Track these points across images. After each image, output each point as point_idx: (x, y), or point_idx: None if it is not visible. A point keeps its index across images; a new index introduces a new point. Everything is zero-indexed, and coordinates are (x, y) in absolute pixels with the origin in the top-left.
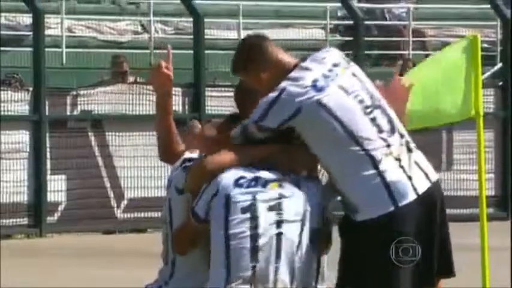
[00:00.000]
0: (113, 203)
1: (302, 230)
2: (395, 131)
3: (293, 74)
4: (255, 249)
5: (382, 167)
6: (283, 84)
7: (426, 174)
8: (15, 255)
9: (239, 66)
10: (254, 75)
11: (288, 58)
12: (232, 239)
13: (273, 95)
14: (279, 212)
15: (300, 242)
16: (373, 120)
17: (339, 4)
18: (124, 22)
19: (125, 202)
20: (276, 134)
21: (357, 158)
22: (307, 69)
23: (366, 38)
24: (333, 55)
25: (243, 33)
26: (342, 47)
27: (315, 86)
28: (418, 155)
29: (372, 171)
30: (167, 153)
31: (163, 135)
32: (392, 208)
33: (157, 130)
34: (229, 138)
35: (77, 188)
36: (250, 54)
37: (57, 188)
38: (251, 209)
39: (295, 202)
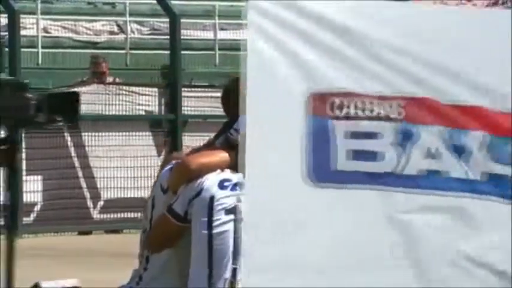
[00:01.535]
0: (89, 203)
1: None
2: None
3: None
4: (236, 251)
5: None
6: None
7: None
8: None
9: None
10: None
11: None
12: (216, 239)
13: None
14: None
15: None
16: None
17: None
18: (100, 22)
19: (101, 203)
20: None
21: None
22: None
23: None
24: None
25: (219, 34)
26: None
27: None
28: None
29: None
30: None
31: None
32: None
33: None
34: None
35: (53, 188)
36: (234, 99)
37: (33, 188)
38: (235, 211)
39: None
